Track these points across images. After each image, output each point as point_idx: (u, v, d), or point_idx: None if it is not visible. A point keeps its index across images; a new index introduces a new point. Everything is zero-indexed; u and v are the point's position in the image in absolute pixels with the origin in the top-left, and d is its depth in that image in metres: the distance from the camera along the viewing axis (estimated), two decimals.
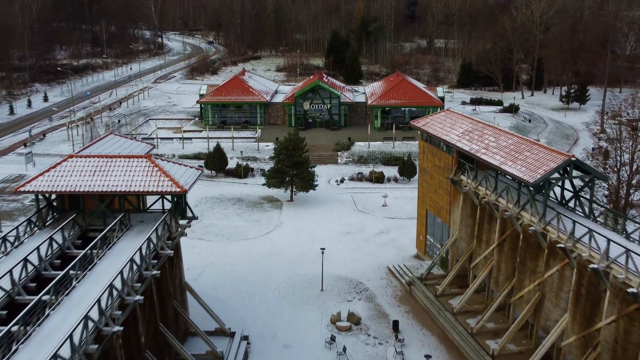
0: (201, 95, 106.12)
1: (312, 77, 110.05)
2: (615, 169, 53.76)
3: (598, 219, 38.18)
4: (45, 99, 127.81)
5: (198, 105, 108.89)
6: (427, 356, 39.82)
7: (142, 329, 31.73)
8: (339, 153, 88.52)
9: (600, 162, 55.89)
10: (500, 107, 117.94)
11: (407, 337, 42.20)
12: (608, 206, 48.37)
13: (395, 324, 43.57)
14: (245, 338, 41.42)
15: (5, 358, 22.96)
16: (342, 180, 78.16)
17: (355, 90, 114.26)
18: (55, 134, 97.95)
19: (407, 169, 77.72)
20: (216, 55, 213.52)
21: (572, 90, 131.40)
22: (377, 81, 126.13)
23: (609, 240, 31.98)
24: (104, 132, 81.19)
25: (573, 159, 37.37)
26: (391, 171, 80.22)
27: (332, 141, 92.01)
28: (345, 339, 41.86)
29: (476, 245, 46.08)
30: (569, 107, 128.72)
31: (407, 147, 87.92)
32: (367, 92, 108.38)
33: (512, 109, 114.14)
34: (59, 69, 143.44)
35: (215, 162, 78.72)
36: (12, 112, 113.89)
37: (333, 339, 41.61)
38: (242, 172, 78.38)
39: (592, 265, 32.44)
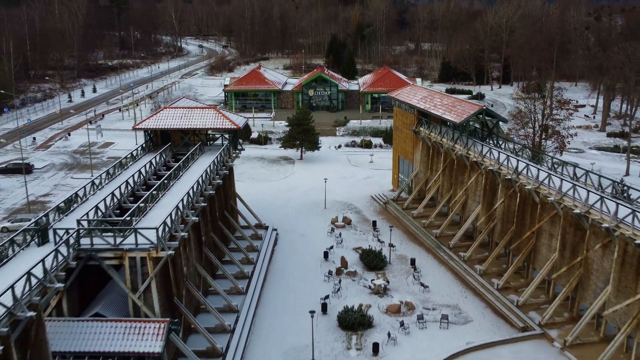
0: (225, 86, 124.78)
1: (315, 70, 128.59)
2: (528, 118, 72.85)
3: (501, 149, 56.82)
4: (94, 90, 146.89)
5: (222, 94, 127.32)
6: (412, 260, 55.89)
7: (209, 218, 50.22)
8: (337, 128, 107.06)
9: (518, 118, 74.82)
10: (469, 96, 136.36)
11: (381, 231, 60.55)
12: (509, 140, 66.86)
13: (374, 223, 62.16)
14: (275, 229, 60.02)
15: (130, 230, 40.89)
16: (339, 146, 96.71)
17: (351, 82, 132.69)
18: (111, 115, 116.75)
19: (389, 138, 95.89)
20: (230, 56, 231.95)
21: (531, 83, 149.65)
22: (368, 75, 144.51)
23: (500, 153, 50.68)
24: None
25: (484, 108, 56.07)
26: (377, 140, 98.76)
27: (332, 120, 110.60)
28: (341, 231, 60.40)
29: (429, 174, 64.70)
30: (528, 96, 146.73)
31: (391, 123, 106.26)
32: (360, 82, 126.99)
33: (479, 97, 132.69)
34: (110, 64, 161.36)
35: (242, 133, 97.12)
36: (70, 100, 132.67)
37: (332, 230, 60.23)
38: (263, 140, 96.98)
39: (489, 167, 51.11)
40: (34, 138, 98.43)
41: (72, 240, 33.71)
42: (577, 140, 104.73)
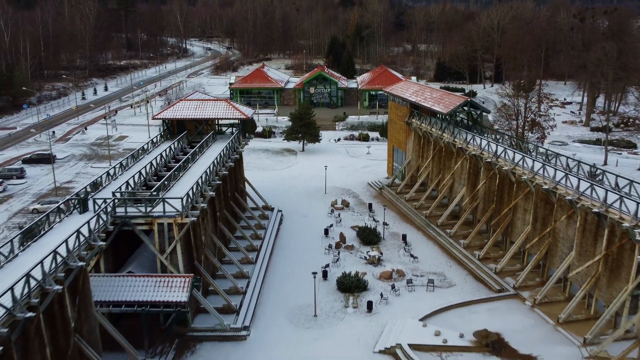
0: (231, 84, 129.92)
1: (316, 69, 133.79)
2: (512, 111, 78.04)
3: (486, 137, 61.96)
4: (106, 89, 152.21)
5: (228, 92, 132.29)
6: (404, 236, 61.05)
7: (222, 196, 55.41)
8: (336, 123, 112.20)
9: (503, 111, 80.00)
10: (462, 94, 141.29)
11: (377, 212, 65.67)
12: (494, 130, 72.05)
13: (370, 206, 67.32)
14: (280, 211, 65.17)
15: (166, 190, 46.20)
16: (338, 140, 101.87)
17: (350, 80, 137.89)
18: (123, 111, 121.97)
19: (385, 132, 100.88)
20: (233, 57, 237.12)
21: (521, 82, 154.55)
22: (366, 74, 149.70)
23: (488, 142, 55.86)
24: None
25: (469, 100, 61.26)
26: (374, 134, 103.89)
27: (332, 115, 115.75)
28: (340, 212, 65.55)
29: (420, 161, 69.86)
30: (518, 94, 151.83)
31: (386, 119, 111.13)
32: (358, 80, 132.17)
33: (471, 94, 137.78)
34: (119, 64, 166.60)
35: (248, 127, 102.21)
36: (84, 98, 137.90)
37: (332, 211, 65.43)
38: (267, 134, 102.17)
39: (473, 153, 56.29)
40: (54, 132, 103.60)
41: (109, 209, 38.90)
42: (562, 134, 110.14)
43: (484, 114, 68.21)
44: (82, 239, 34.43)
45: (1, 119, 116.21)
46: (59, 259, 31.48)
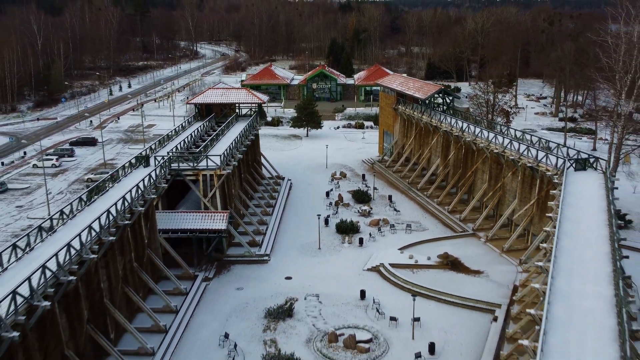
0: (242, 80, 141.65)
1: (317, 67, 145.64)
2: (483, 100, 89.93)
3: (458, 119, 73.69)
4: (129, 86, 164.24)
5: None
6: (390, 196, 73.30)
7: (244, 164, 67.31)
8: (336, 114, 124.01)
9: (474, 100, 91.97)
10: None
11: (369, 180, 77.51)
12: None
13: (363, 176, 79.21)
14: (289, 180, 77.03)
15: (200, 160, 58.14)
16: (338, 127, 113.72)
17: (348, 78, 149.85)
18: (148, 105, 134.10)
19: (377, 121, 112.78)
20: (241, 58, 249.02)
21: (502, 79, 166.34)
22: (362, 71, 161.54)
23: (463, 122, 67.76)
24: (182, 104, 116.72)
25: (442, 88, 73.10)
26: (368, 123, 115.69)
27: (332, 108, 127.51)
28: (338, 181, 77.39)
29: (405, 140, 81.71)
30: (507, 91, 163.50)
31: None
32: (355, 77, 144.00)
33: (455, 90, 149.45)
34: (137, 65, 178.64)
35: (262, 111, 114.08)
36: (111, 94, 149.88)
37: (332, 180, 77.33)
38: (276, 122, 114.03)
39: (444, 129, 68.16)
40: (91, 121, 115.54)
41: (165, 164, 50.82)
42: (533, 123, 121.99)
43: (463, 102, 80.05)
44: (150, 182, 46.42)
45: (42, 111, 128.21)
46: (139, 192, 43.48)
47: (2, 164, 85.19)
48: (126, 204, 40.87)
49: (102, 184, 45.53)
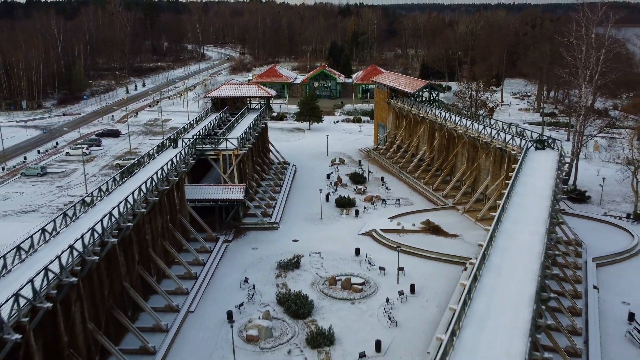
0: (249, 79, 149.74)
1: (318, 67, 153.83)
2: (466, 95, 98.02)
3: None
4: (144, 85, 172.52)
5: None
6: (382, 178, 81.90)
7: (255, 150, 75.48)
8: (335, 110, 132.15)
9: (459, 95, 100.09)
10: (440, 88, 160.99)
11: (364, 165, 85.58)
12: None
13: (359, 162, 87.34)
14: (294, 165, 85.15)
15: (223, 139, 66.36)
16: (337, 122, 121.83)
17: (347, 78, 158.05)
18: (163, 102, 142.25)
19: (373, 116, 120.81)
20: (246, 60, 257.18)
21: (491, 79, 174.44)
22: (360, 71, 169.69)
23: (450, 114, 75.89)
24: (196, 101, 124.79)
25: (429, 83, 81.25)
26: (365, 118, 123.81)
27: (332, 104, 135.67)
28: (337, 166, 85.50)
29: (396, 130, 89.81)
30: (488, 89, 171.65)
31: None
32: (353, 77, 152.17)
33: (446, 89, 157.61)
34: (149, 66, 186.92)
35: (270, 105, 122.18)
36: (127, 92, 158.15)
37: (332, 165, 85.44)
38: (281, 117, 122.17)
39: (430, 119, 76.25)
40: (112, 116, 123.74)
41: (191, 146, 58.97)
42: (517, 118, 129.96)
43: (449, 96, 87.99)
44: (180, 158, 54.60)
45: (66, 107, 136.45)
46: (172, 165, 51.66)
47: (39, 152, 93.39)
48: (163, 173, 49.02)
49: (141, 159, 53.66)
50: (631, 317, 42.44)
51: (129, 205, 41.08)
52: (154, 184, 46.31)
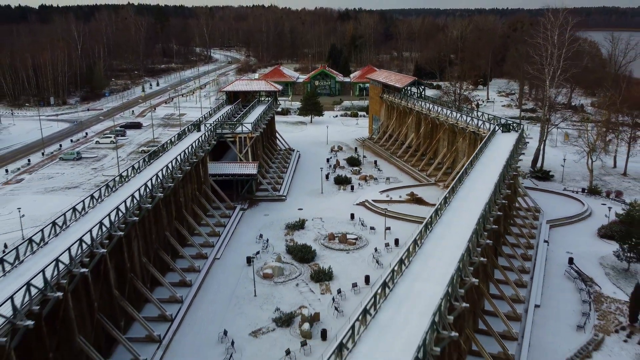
0: (256, 79, 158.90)
1: (319, 67, 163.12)
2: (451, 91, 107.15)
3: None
4: (157, 84, 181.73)
5: None
6: (375, 161, 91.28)
7: (264, 137, 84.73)
8: (335, 106, 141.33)
9: (444, 91, 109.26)
10: (431, 87, 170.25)
11: (360, 151, 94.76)
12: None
13: (355, 149, 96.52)
14: (298, 151, 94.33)
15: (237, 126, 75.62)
16: (336, 116, 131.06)
17: (345, 77, 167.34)
18: (177, 99, 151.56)
19: (369, 110, 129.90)
20: (251, 62, 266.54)
21: (480, 79, 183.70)
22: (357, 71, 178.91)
23: (436, 106, 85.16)
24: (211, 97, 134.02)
25: (416, 79, 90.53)
26: (362, 113, 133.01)
27: (331, 101, 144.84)
28: (336, 152, 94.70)
29: (388, 121, 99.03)
30: (476, 87, 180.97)
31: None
32: (351, 76, 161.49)
33: (437, 88, 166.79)
34: (160, 67, 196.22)
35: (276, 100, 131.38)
36: (144, 90, 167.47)
37: (331, 151, 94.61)
38: (285, 112, 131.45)
39: (417, 110, 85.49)
40: (133, 110, 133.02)
41: (212, 130, 68.20)
42: (500, 113, 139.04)
43: (435, 91, 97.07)
44: (204, 139, 63.85)
45: (89, 103, 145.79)
46: (199, 144, 60.92)
47: (71, 140, 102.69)
48: (192, 150, 58.31)
49: (167, 143, 63.02)
50: (570, 261, 51.69)
51: (168, 171, 50.28)
52: (186, 156, 55.57)
